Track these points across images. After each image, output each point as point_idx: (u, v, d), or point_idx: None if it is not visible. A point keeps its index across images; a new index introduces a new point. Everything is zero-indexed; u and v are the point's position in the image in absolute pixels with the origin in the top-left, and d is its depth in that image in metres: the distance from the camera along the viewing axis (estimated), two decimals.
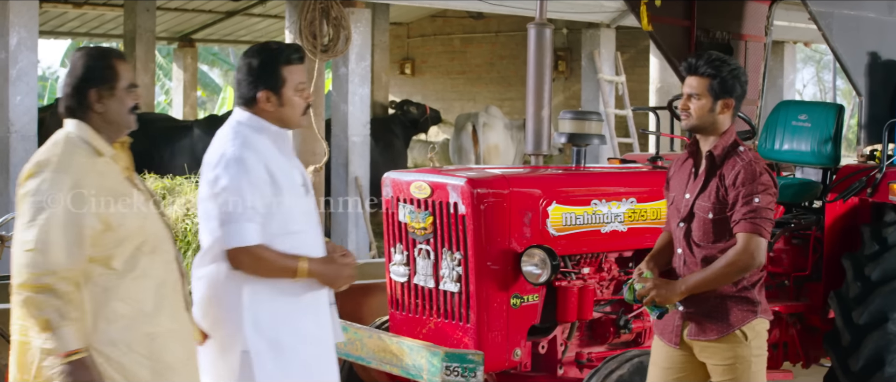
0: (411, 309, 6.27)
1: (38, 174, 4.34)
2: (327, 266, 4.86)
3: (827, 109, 7.73)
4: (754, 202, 4.94)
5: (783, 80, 19.95)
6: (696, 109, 5.09)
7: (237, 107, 4.90)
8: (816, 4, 7.10)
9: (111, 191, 4.39)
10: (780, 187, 7.34)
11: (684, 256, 5.13)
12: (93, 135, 4.44)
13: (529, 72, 7.06)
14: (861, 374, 6.74)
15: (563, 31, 20.69)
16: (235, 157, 4.69)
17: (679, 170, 5.27)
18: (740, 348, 5.06)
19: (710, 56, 5.13)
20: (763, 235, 4.93)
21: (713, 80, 5.06)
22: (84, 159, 4.38)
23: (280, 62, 4.83)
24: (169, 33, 22.43)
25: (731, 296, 5.05)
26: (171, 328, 4.49)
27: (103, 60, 4.46)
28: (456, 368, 5.71)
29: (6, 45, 12.17)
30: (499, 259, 6.01)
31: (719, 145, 5.09)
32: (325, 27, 12.48)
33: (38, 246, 4.21)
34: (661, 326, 5.25)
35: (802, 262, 7.33)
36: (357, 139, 14.45)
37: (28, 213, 4.28)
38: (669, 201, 5.28)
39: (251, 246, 4.65)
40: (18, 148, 12.16)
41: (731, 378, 5.08)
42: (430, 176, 6.21)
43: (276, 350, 4.75)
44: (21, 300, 4.26)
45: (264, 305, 4.75)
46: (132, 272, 4.41)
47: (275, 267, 4.74)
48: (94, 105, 4.43)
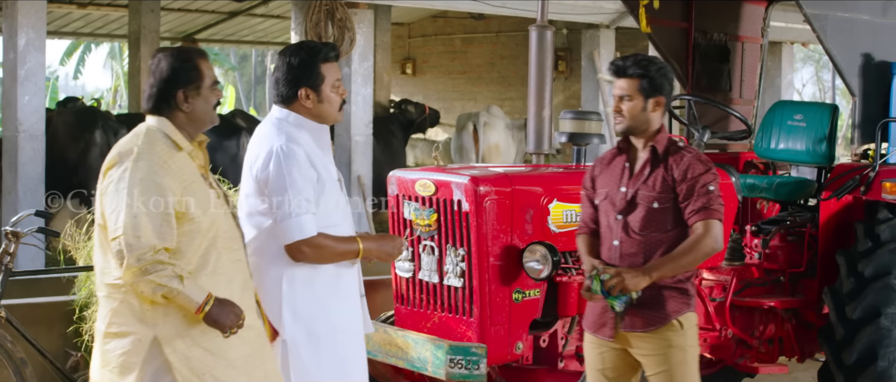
0: (416, 304, 6.38)
1: (121, 164, 4.48)
2: (381, 242, 5.07)
3: (822, 110, 7.82)
4: (710, 190, 5.13)
5: (781, 80, 19.97)
6: (628, 111, 5.24)
7: (275, 105, 5.03)
8: (811, 6, 7.17)
9: (188, 185, 4.53)
10: (776, 185, 7.50)
11: (621, 247, 5.24)
12: (173, 130, 4.57)
13: (531, 73, 7.14)
14: (854, 368, 6.79)
15: (563, 32, 20.69)
16: (286, 152, 4.84)
17: (607, 169, 5.40)
18: (676, 337, 5.19)
19: (637, 57, 5.28)
20: (721, 219, 5.14)
21: (642, 80, 5.22)
22: (164, 151, 4.51)
23: (318, 60, 4.98)
24: (172, 33, 22.37)
25: (667, 287, 5.19)
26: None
27: (188, 62, 4.60)
28: (460, 361, 5.83)
29: (14, 45, 12.25)
30: (501, 255, 6.12)
31: (660, 141, 5.27)
32: (330, 29, 12.57)
33: (128, 231, 4.35)
34: (595, 320, 5.33)
35: (797, 258, 7.41)
36: (360, 139, 14.51)
37: (113, 202, 4.42)
38: (599, 197, 5.38)
39: (312, 237, 4.81)
40: (27, 147, 12.22)
41: (664, 368, 5.18)
42: (435, 174, 6.32)
43: (311, 340, 4.91)
44: (132, 287, 4.40)
45: (302, 295, 4.91)
46: (204, 269, 4.54)
47: (338, 252, 4.93)
48: (182, 105, 4.58)
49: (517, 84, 22.04)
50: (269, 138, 4.93)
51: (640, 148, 5.31)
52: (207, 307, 4.43)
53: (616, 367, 5.34)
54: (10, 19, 12.37)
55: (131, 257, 4.35)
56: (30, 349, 6.78)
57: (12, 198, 12.25)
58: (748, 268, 7.38)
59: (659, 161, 5.24)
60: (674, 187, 5.18)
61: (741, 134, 7.87)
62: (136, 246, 4.35)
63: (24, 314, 6.93)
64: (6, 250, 6.69)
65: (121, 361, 4.53)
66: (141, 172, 4.44)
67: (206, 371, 4.54)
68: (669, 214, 5.20)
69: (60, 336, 7.19)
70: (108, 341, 4.56)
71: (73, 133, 14.18)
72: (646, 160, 5.27)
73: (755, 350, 7.32)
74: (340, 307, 5.04)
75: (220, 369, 4.58)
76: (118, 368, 4.54)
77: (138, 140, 4.54)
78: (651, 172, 5.24)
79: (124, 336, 4.52)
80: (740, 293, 7.24)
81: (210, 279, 4.55)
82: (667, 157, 5.24)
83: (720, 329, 7.08)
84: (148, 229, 4.38)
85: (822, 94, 39.27)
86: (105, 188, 4.50)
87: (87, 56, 37.04)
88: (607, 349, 5.33)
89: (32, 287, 7.57)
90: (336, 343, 4.99)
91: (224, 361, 4.59)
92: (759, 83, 8.56)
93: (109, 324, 4.55)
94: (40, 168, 12.40)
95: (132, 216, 4.37)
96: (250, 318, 4.69)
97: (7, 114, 12.46)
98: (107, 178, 4.52)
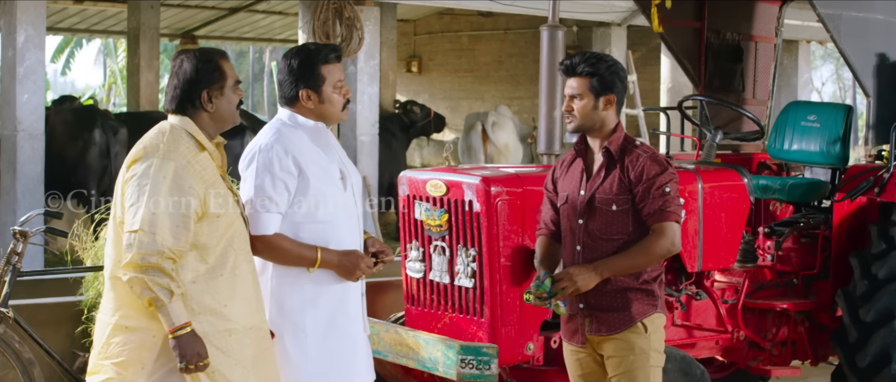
0: (427, 304, 6.38)
1: (145, 159, 4.56)
2: (344, 258, 5.05)
3: (835, 110, 7.79)
4: (667, 192, 5.09)
5: (798, 78, 19.94)
6: (579, 110, 5.20)
7: (280, 106, 5.16)
8: (824, 6, 7.15)
9: (210, 184, 4.64)
10: (790, 186, 7.47)
11: (584, 252, 5.21)
12: (196, 130, 4.69)
13: (542, 73, 7.13)
14: (868, 371, 6.77)
15: (574, 29, 20.66)
16: (262, 150, 4.97)
17: (567, 172, 5.36)
18: (639, 340, 5.15)
19: (586, 55, 5.24)
20: (679, 221, 5.12)
21: (592, 78, 5.17)
22: (188, 151, 4.62)
23: (318, 62, 5.09)
24: (171, 30, 22.36)
25: (632, 289, 5.16)
26: (247, 326, 4.71)
27: (211, 62, 4.72)
28: (471, 361, 5.83)
29: (13, 43, 12.17)
30: (512, 256, 6.11)
31: (614, 141, 5.21)
32: (338, 27, 12.55)
33: (145, 227, 4.45)
34: (568, 329, 5.33)
35: (811, 260, 7.39)
36: (365, 139, 14.47)
37: (134, 195, 4.50)
38: (560, 200, 5.34)
39: (268, 235, 4.91)
40: (26, 147, 12.17)
41: (625, 370, 5.14)
42: (446, 175, 6.32)
43: (298, 334, 4.97)
44: (127, 280, 4.47)
45: (288, 290, 4.98)
46: (221, 268, 4.65)
47: (290, 256, 4.98)
48: (206, 105, 4.69)
49: (526, 83, 22.01)
50: (258, 139, 5.07)
51: (596, 149, 5.27)
52: (181, 332, 4.50)
53: (593, 372, 5.33)
54: (8, 16, 12.28)
55: (138, 253, 4.44)
56: (37, 349, 6.79)
57: (11, 198, 12.20)
58: (761, 270, 7.36)
59: (614, 162, 5.19)
60: (630, 188, 5.14)
61: (754, 135, 7.84)
62: (147, 244, 4.44)
63: (31, 314, 6.94)
64: (14, 249, 6.68)
65: (128, 354, 4.60)
66: (165, 170, 4.54)
67: (218, 370, 4.61)
68: (629, 216, 5.15)
69: (67, 337, 7.20)
70: (117, 334, 4.63)
71: (72, 132, 14.10)
72: (601, 162, 5.23)
73: (768, 353, 7.30)
74: (330, 304, 5.07)
75: (230, 368, 4.66)
76: (125, 361, 4.61)
77: (164, 138, 4.64)
78: (607, 174, 5.20)
79: (134, 330, 4.60)
80: (753, 296, 7.23)
81: (225, 278, 4.67)
82: (622, 157, 5.18)
83: (733, 332, 7.06)
84: (165, 229, 4.48)
85: (842, 92, 39.25)
86: (127, 180, 4.58)
87: (78, 51, 37.06)
88: (583, 355, 5.32)
89: (37, 288, 7.56)
90: (325, 339, 5.03)
91: (234, 360, 4.67)
92: (773, 83, 8.54)
93: (122, 317, 4.62)
94: (40, 168, 12.37)
95: (151, 213, 4.47)
96: (259, 319, 4.81)
97: (6, 113, 12.39)
98: (130, 170, 4.60)
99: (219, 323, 4.63)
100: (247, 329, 4.72)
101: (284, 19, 22.50)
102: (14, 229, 6.73)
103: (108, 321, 4.66)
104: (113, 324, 4.63)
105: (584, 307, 5.22)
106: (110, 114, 15.59)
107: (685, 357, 6.13)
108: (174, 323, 4.48)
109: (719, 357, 7.21)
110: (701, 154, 7.64)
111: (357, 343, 5.19)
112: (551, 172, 5.46)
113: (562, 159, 5.45)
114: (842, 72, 38.08)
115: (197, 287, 4.59)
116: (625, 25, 17.38)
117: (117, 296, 4.65)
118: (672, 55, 8.96)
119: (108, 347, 4.64)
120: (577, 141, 5.34)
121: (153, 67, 19.12)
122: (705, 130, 7.64)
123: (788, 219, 7.74)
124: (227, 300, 4.66)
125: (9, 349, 6.64)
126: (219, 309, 4.64)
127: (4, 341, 6.63)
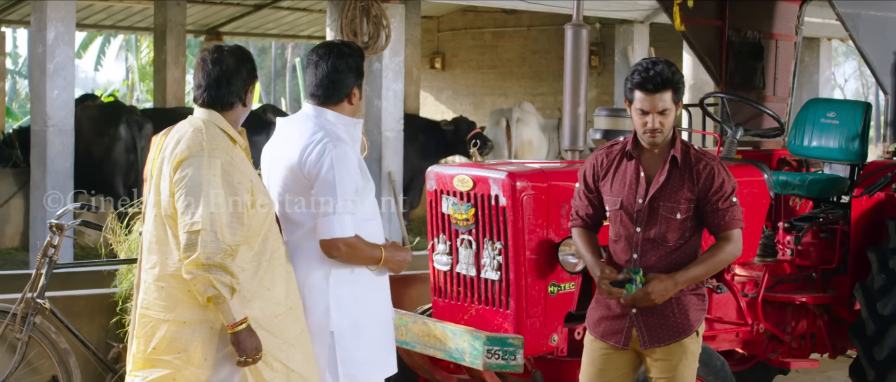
0: (453, 297, 6.48)
1: (192, 159, 4.64)
2: (396, 253, 5.17)
3: (855, 107, 7.85)
4: (734, 201, 5.15)
5: (819, 75, 19.89)
6: (668, 124, 5.12)
7: (316, 104, 5.14)
8: (843, 5, 7.19)
9: (249, 175, 4.76)
10: (809, 182, 7.53)
11: (641, 259, 5.16)
12: (227, 125, 4.78)
13: (566, 71, 7.14)
14: (885, 363, 6.83)
15: (596, 26, 20.62)
16: (338, 152, 4.95)
17: (615, 175, 5.27)
18: (692, 344, 5.22)
19: (659, 66, 5.11)
20: (742, 227, 5.19)
21: (675, 90, 5.11)
22: (225, 145, 4.71)
23: (363, 60, 5.16)
24: (196, 26, 22.30)
25: (688, 295, 5.19)
26: (289, 306, 4.86)
27: (249, 60, 4.84)
28: (497, 351, 5.90)
29: (43, 39, 12.24)
30: (537, 249, 6.20)
31: (680, 149, 5.17)
32: (365, 25, 12.61)
33: (207, 226, 4.55)
34: (606, 327, 5.27)
35: (830, 255, 7.44)
36: (390, 135, 14.47)
37: (189, 196, 4.59)
38: (611, 205, 5.27)
39: (349, 237, 4.95)
40: (55, 142, 12.25)
41: (674, 374, 5.17)
42: (473, 170, 6.41)
43: (356, 331, 5.06)
44: (191, 279, 4.58)
45: (346, 289, 5.05)
46: (264, 254, 4.78)
47: (365, 255, 5.06)
48: (245, 99, 4.81)
49: (549, 80, 21.97)
50: (314, 137, 5.02)
51: (656, 154, 5.21)
52: (239, 327, 4.65)
53: (618, 368, 5.30)
54: (38, 13, 12.36)
55: (203, 252, 4.54)
56: (73, 339, 6.91)
57: (40, 192, 12.31)
58: (780, 264, 7.40)
59: (678, 169, 5.16)
60: (695, 195, 5.13)
61: (774, 131, 7.90)
62: (211, 243, 4.55)
63: (66, 305, 7.03)
64: (50, 242, 6.81)
65: (191, 348, 4.73)
66: (214, 168, 4.63)
67: (269, 352, 4.75)
68: (690, 223, 5.16)
69: (101, 328, 7.27)
70: (175, 330, 4.73)
71: (98, 128, 14.18)
72: (665, 169, 5.16)
73: (787, 346, 7.35)
74: (377, 297, 5.20)
75: (279, 348, 4.80)
76: (187, 355, 4.73)
77: (203, 136, 4.70)
78: (671, 181, 5.15)
79: (191, 324, 4.73)
80: (772, 289, 7.25)
81: (269, 263, 4.79)
82: (687, 165, 5.15)
83: (752, 325, 7.10)
84: (224, 226, 4.58)
85: (864, 89, 39.07)
86: (178, 182, 4.65)
87: (107, 47, 37.15)
88: (612, 352, 5.29)
89: (70, 280, 7.67)
90: (376, 333, 5.17)
91: (281, 340, 4.81)
92: (793, 81, 8.57)
93: (179, 314, 4.72)
94: (69, 163, 12.46)
95: (210, 213, 4.57)
96: (295, 297, 4.93)
97: (36, 108, 12.50)
98: (179, 172, 4.66)
99: (267, 308, 4.77)
100: (289, 309, 4.86)
101: (309, 16, 22.49)
102: (51, 222, 6.84)
103: (164, 318, 4.74)
104: (170, 321, 4.73)
105: (636, 312, 5.20)
106: (136, 110, 15.58)
107: (706, 349, 6.20)
108: (234, 319, 4.62)
109: (739, 350, 7.26)
110: (722, 150, 7.68)
111: (392, 331, 5.35)
112: (590, 168, 5.37)
113: (600, 158, 5.36)
114: (864, 69, 37.84)
115: (246, 275, 4.71)
116: (647, 23, 17.35)
117: (170, 294, 4.74)
118: (694, 53, 9.02)
119: (166, 342, 4.74)
120: (625, 142, 5.28)
121: (179, 63, 19.16)
122: (726, 127, 7.71)
123: (808, 214, 7.81)
124: (270, 284, 4.80)
125: (45, 339, 6.77)
126: (265, 294, 4.78)
127: (41, 331, 6.75)
